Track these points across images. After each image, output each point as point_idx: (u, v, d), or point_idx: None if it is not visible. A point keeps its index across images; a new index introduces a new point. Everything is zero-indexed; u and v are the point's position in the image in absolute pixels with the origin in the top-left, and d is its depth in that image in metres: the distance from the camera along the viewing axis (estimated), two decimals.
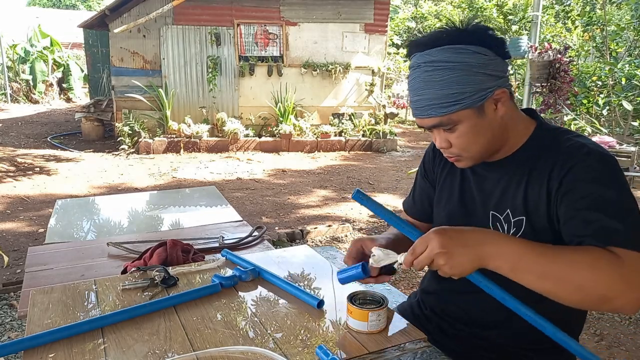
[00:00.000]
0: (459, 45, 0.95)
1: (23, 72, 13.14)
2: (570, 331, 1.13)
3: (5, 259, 2.94)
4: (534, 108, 1.12)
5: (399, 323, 1.06)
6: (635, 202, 0.91)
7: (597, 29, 8.39)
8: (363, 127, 8.41)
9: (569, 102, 5.61)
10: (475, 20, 0.99)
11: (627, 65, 7.04)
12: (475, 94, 0.95)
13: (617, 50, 8.39)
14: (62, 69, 13.78)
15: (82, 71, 13.93)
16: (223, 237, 1.98)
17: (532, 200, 1.00)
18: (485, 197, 1.09)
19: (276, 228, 4.25)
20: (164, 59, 7.85)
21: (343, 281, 1.06)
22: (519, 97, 7.53)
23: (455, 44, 0.95)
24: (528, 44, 5.25)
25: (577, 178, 0.93)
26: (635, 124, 6.70)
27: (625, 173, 5.51)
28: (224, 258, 1.41)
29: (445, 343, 1.16)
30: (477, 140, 1.00)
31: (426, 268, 0.94)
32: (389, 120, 8.91)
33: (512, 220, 1.03)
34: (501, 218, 1.05)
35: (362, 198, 0.99)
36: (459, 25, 0.98)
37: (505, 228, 1.04)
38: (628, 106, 6.36)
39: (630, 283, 0.82)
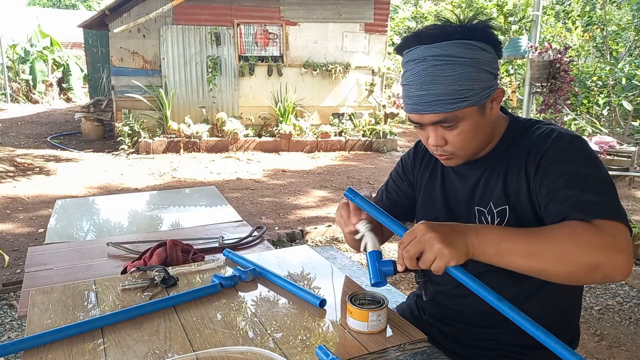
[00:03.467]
0: (469, 41, 0.94)
1: (23, 72, 13.14)
2: (568, 321, 1.13)
3: (6, 258, 2.94)
4: (534, 108, 1.12)
5: (399, 323, 1.06)
6: (608, 175, 0.94)
7: (597, 29, 8.38)
8: (363, 127, 8.41)
9: (569, 102, 5.61)
10: (478, 17, 0.98)
11: (627, 65, 7.04)
12: (481, 92, 0.95)
13: (618, 50, 8.39)
14: (62, 69, 13.78)
15: (82, 71, 13.93)
16: (223, 237, 1.98)
17: (511, 188, 1.02)
18: (469, 195, 1.10)
19: (276, 228, 4.25)
20: (163, 58, 7.85)
21: (381, 284, 0.99)
22: (519, 96, 7.53)
23: (465, 39, 0.94)
24: (528, 43, 5.25)
25: (551, 161, 0.95)
26: (636, 124, 6.70)
27: (625, 173, 5.52)
28: (224, 258, 1.41)
29: (445, 343, 1.16)
30: (475, 139, 1.01)
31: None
32: (389, 120, 8.91)
33: (495, 211, 1.04)
34: (485, 211, 1.07)
35: (353, 196, 1.02)
36: (463, 20, 0.97)
37: (489, 219, 1.06)
38: (628, 106, 6.36)
39: (613, 249, 0.84)
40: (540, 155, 0.97)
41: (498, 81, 1.00)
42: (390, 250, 3.88)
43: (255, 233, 2.04)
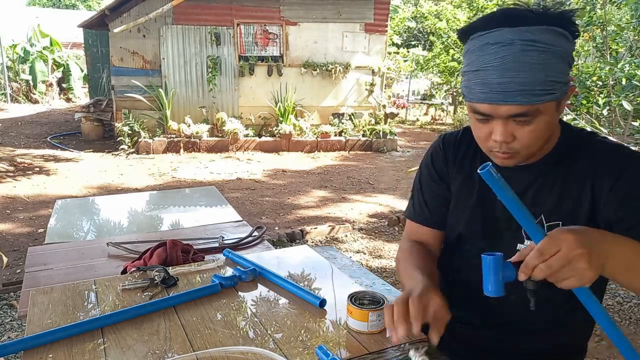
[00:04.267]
0: (559, 29, 0.85)
1: (23, 72, 13.14)
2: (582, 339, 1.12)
3: (5, 259, 2.93)
4: None
5: None
6: None
7: (597, 28, 8.37)
8: (363, 127, 8.41)
9: (569, 102, 5.61)
10: (564, 5, 0.90)
11: (627, 65, 7.03)
12: (564, 85, 0.87)
13: (618, 50, 8.38)
14: (62, 69, 13.78)
15: (82, 71, 13.92)
16: (223, 237, 1.98)
17: (569, 204, 0.95)
18: None
19: (276, 228, 4.25)
20: (163, 58, 7.85)
21: (498, 293, 0.79)
22: None
23: (557, 26, 0.85)
24: None
25: (633, 181, 0.89)
26: (636, 124, 6.69)
27: None
28: (224, 258, 1.41)
29: (445, 343, 1.15)
30: (544, 137, 0.91)
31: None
32: (389, 120, 8.91)
33: (546, 225, 0.97)
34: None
35: (491, 177, 0.76)
36: (549, 6, 0.88)
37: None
38: (628, 106, 6.35)
39: None
40: (617, 174, 0.90)
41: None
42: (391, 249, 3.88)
43: (255, 233, 2.04)
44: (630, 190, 0.89)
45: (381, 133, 8.22)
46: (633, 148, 0.95)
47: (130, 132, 7.48)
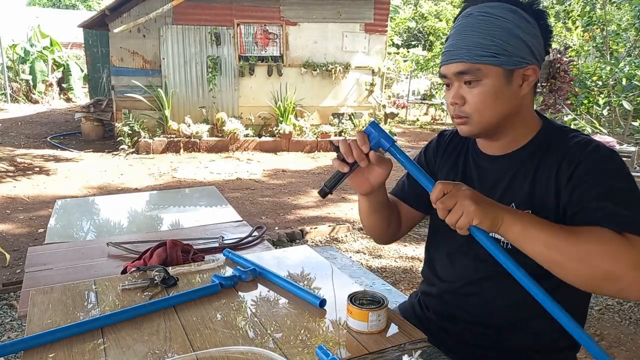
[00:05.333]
0: (516, 7, 0.98)
1: (23, 72, 13.14)
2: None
3: (7, 256, 2.93)
4: (534, 108, 1.12)
5: (399, 323, 1.05)
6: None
7: (597, 29, 8.39)
8: (363, 127, 8.41)
9: (569, 102, 5.61)
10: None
11: (627, 66, 7.04)
12: (511, 57, 0.96)
13: (618, 50, 8.39)
14: (62, 69, 13.78)
15: (82, 71, 13.93)
16: (223, 237, 1.98)
17: (539, 193, 1.01)
18: (488, 190, 1.08)
19: (276, 228, 4.25)
20: (163, 58, 7.85)
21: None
22: None
23: (514, 5, 0.98)
24: None
25: (586, 171, 0.95)
26: (636, 124, 6.70)
27: None
28: (224, 258, 1.41)
29: (445, 343, 1.16)
30: (493, 106, 1.00)
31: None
32: (389, 120, 8.91)
33: None
34: None
35: (375, 129, 1.00)
36: None
37: None
38: (628, 106, 6.36)
39: (637, 265, 0.82)
40: (575, 164, 0.96)
41: (538, 65, 1.00)
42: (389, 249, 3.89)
43: (255, 233, 2.04)
44: (579, 181, 0.95)
45: None
46: (608, 140, 1.00)
47: (130, 132, 7.48)
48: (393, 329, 1.03)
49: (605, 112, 7.08)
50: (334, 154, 1.03)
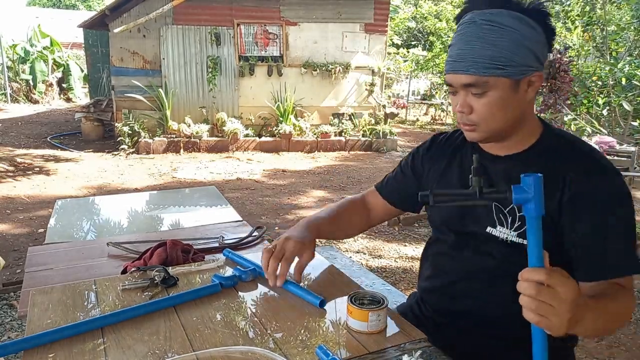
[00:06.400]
0: (521, 15, 0.96)
1: (23, 72, 13.14)
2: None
3: (2, 262, 2.90)
4: (534, 108, 1.13)
5: (399, 323, 1.05)
6: (633, 217, 0.99)
7: (597, 29, 8.39)
8: (363, 127, 8.41)
9: (569, 102, 5.60)
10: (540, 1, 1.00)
11: (627, 66, 7.03)
12: (519, 67, 0.96)
13: (618, 50, 8.39)
14: (62, 69, 13.78)
15: (82, 71, 13.93)
16: (223, 237, 1.97)
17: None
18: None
19: (276, 228, 4.25)
20: (163, 58, 7.85)
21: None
22: None
23: (518, 12, 0.96)
24: None
25: (590, 196, 0.98)
26: (635, 124, 6.70)
27: (625, 173, 5.51)
28: (224, 258, 1.41)
29: (445, 343, 1.15)
30: (501, 114, 0.99)
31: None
32: (389, 120, 8.91)
33: (518, 215, 1.04)
34: (505, 211, 1.06)
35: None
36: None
37: (510, 220, 1.05)
38: (628, 106, 6.36)
39: (634, 304, 0.96)
40: (581, 190, 0.98)
41: (542, 70, 1.00)
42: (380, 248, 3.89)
43: (255, 233, 2.04)
44: (581, 204, 0.98)
45: (381, 133, 8.22)
46: (606, 138, 1.03)
47: (130, 132, 7.48)
48: (393, 328, 1.03)
49: (605, 112, 7.08)
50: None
